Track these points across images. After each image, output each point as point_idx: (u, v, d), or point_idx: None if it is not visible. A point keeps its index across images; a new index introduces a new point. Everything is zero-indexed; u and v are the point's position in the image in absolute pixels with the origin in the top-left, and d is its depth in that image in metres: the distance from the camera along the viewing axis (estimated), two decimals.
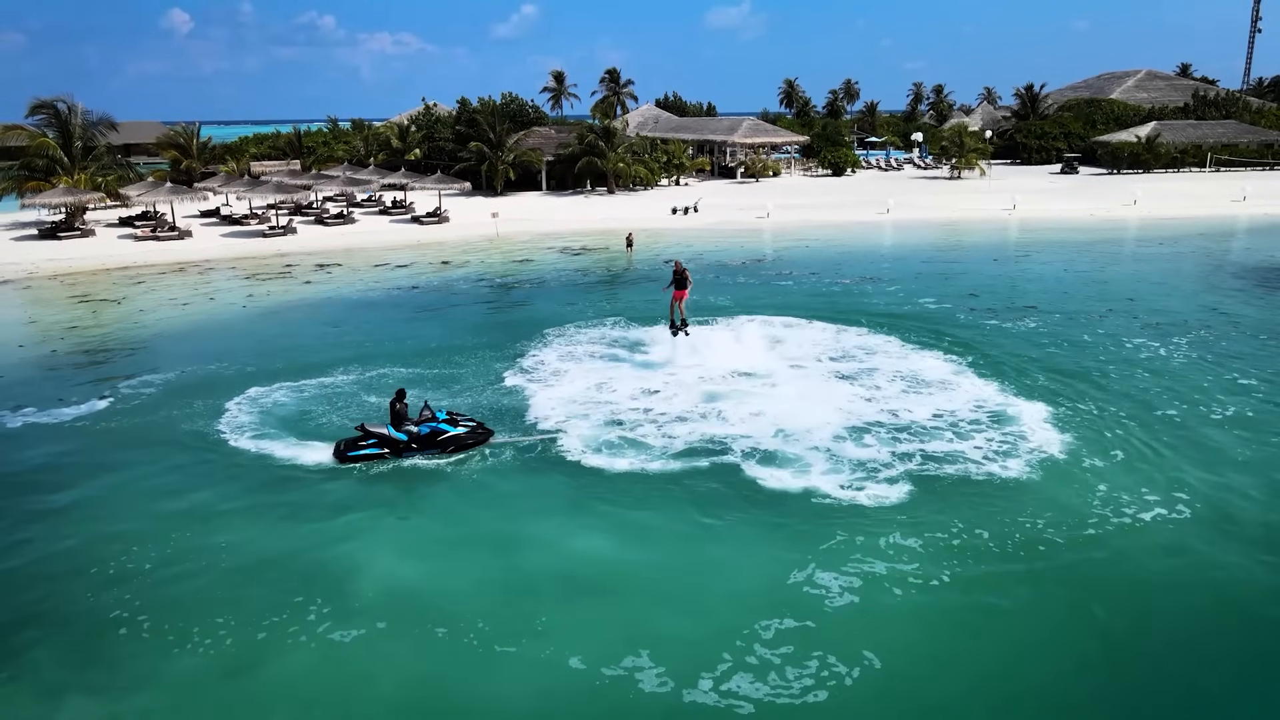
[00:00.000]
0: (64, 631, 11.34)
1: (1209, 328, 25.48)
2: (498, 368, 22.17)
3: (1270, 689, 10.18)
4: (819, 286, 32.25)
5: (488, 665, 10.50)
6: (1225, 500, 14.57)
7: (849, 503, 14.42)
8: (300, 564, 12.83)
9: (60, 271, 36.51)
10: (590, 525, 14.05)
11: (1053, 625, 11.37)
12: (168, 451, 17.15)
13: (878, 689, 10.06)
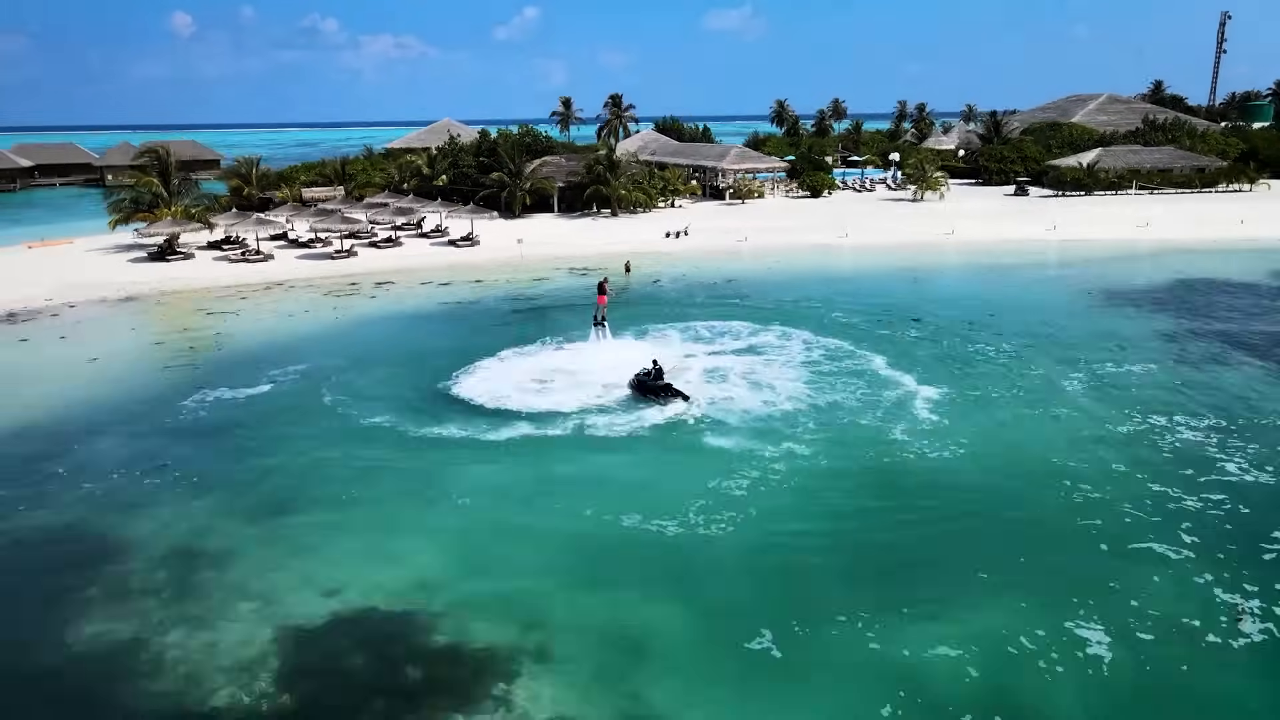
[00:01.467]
0: (292, 500, 21.12)
1: (1048, 335, 35.09)
2: (509, 353, 31.95)
3: (955, 547, 19.70)
4: (763, 301, 41.85)
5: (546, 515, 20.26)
6: (986, 436, 24.17)
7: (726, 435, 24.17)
8: (403, 466, 22.62)
9: (179, 289, 46.48)
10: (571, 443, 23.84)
11: (843, 488, 20.98)
12: (320, 414, 26.92)
13: (758, 522, 19.73)
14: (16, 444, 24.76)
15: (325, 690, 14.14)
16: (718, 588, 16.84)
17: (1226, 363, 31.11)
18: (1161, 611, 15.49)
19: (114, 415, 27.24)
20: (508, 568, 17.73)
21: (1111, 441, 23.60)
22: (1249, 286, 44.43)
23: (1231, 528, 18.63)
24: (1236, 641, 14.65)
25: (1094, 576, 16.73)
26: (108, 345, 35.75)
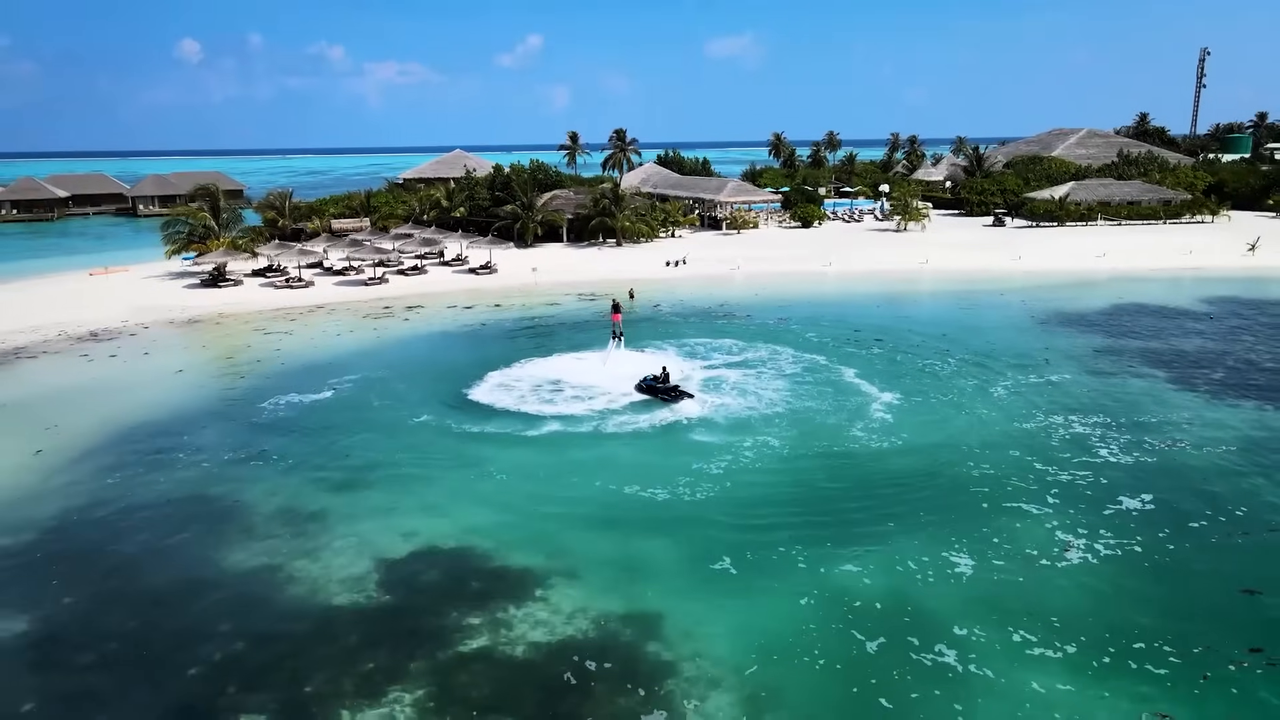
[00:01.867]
0: (363, 473, 27.00)
1: (989, 351, 40.93)
2: (530, 363, 37.93)
3: (877, 506, 25.43)
4: (752, 323, 47.89)
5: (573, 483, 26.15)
6: (921, 430, 30.03)
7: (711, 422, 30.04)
8: (447, 452, 28.51)
9: (235, 312, 52.63)
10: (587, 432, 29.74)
11: (801, 468, 26.84)
12: (363, 412, 32.87)
13: (729, 490, 25.52)
14: (141, 435, 30.76)
15: (411, 596, 19.98)
16: (693, 532, 22.67)
17: (1132, 374, 36.99)
18: (1013, 546, 21.35)
19: (210, 414, 33.26)
20: (538, 519, 23.61)
21: (1014, 434, 29.49)
22: (1176, 310, 50.30)
23: (1086, 494, 24.48)
24: (1059, 564, 20.50)
25: (971, 524, 22.57)
26: (187, 359, 41.92)
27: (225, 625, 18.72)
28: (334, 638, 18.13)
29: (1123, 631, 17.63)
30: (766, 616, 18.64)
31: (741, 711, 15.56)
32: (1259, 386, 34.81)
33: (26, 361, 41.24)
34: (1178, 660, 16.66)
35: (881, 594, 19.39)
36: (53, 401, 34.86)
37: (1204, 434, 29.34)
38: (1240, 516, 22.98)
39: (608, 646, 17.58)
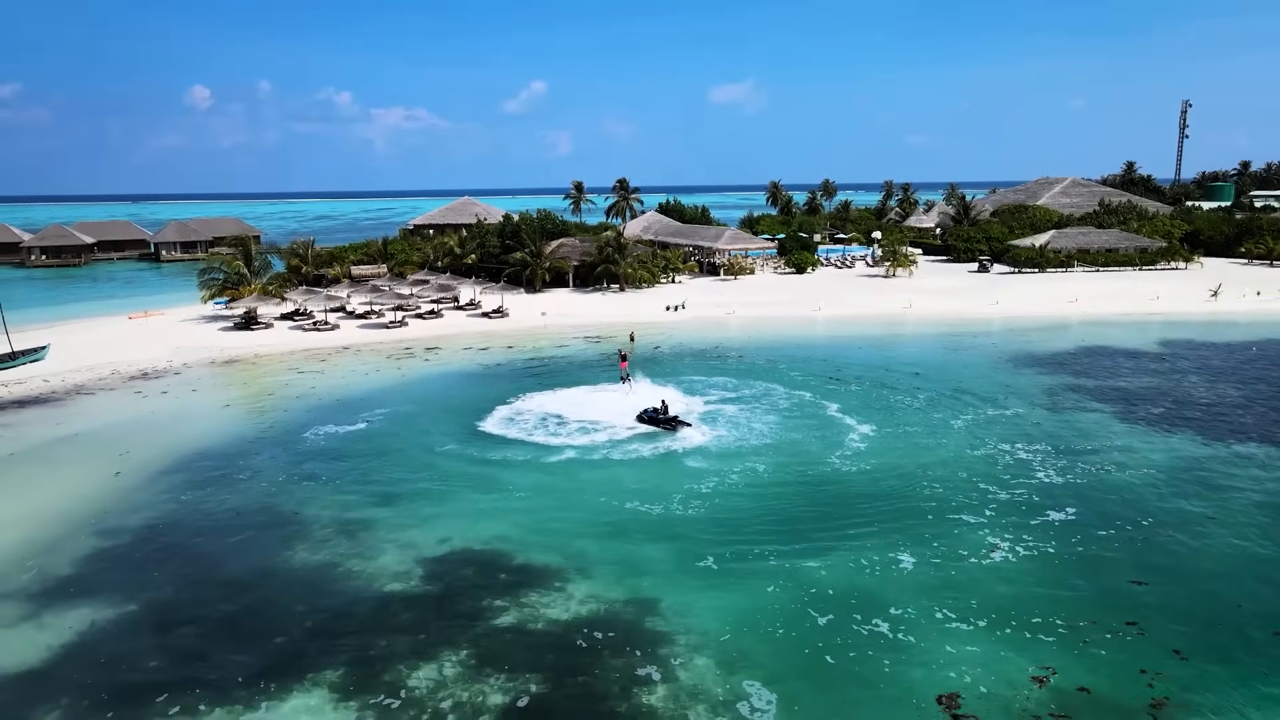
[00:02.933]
0: (393, 488, 31.31)
1: (957, 388, 45.25)
2: (542, 396, 42.33)
3: (842, 517, 29.66)
4: (744, 363, 52.34)
5: (581, 503, 30.43)
6: (888, 456, 34.33)
7: (709, 447, 34.33)
8: (472, 474, 32.78)
9: (269, 352, 57.23)
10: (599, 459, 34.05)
11: (781, 488, 31.09)
12: (396, 441, 37.24)
13: (716, 505, 29.79)
14: (203, 460, 35.16)
15: (450, 585, 24.21)
16: (684, 538, 26.91)
17: (1082, 409, 41.32)
18: (948, 548, 25.60)
19: (260, 442, 37.67)
20: (553, 528, 27.88)
21: (967, 459, 33.80)
22: (1134, 352, 54.73)
23: (1019, 508, 28.75)
24: (984, 562, 24.74)
25: (917, 532, 26.82)
26: (231, 395, 46.46)
27: (299, 606, 22.97)
28: (390, 615, 22.39)
29: (1027, 610, 21.84)
30: (740, 600, 22.85)
31: (719, 668, 19.74)
32: (1189, 419, 39.12)
33: (88, 398, 45.77)
34: (1065, 631, 20.86)
35: (834, 583, 23.60)
36: (119, 432, 39.33)
37: (1131, 460, 33.62)
38: (1145, 526, 27.22)
39: (612, 621, 21.81)
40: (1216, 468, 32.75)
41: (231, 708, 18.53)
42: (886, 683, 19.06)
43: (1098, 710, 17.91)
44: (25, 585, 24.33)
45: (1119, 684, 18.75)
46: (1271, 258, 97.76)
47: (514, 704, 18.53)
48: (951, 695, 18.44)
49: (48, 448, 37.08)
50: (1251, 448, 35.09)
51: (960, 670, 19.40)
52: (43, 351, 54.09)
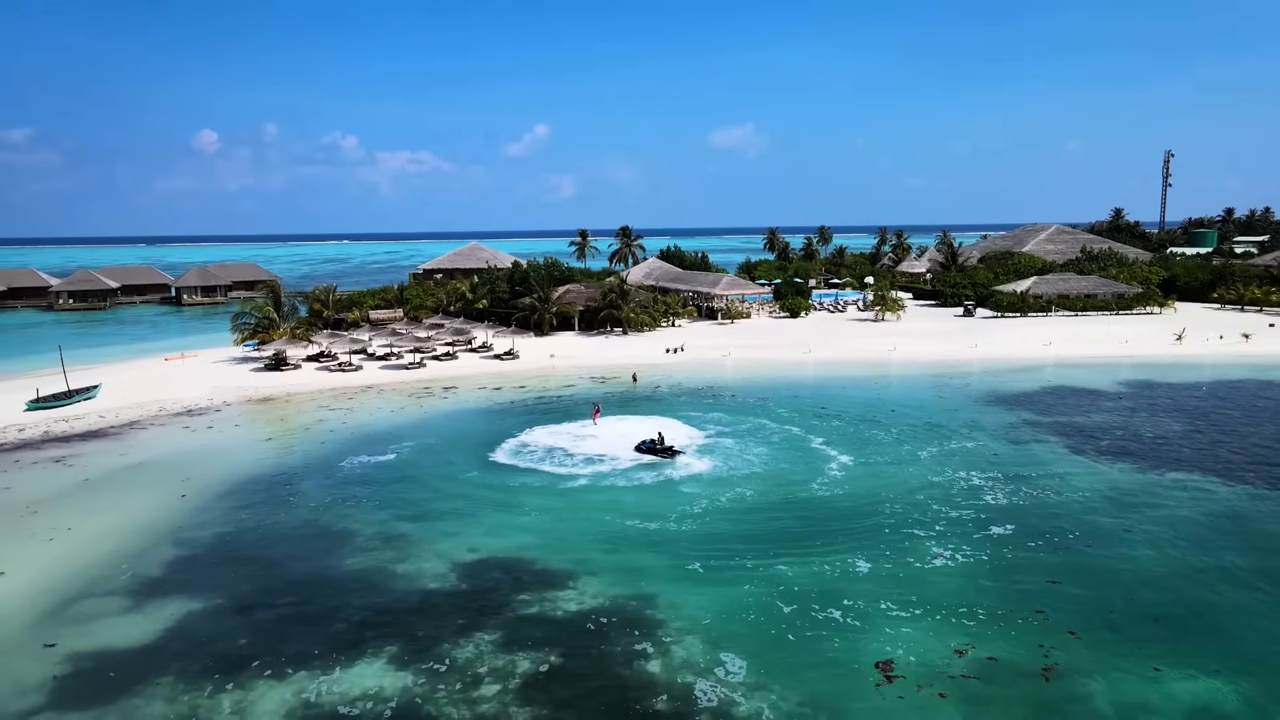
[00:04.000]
0: (420, 512, 36.02)
1: (927, 424, 49.98)
2: (553, 427, 47.10)
3: (813, 534, 34.33)
4: (729, 401, 57.16)
5: (587, 520, 35.14)
6: (861, 483, 38.97)
7: (697, 473, 39.05)
8: (492, 497, 37.49)
9: (300, 391, 62.17)
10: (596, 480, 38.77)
11: (764, 509, 35.75)
12: (423, 469, 42.00)
13: (706, 524, 34.44)
14: (255, 484, 39.96)
15: (481, 584, 28.83)
16: (677, 549, 31.56)
17: (1037, 442, 46.04)
18: (898, 555, 30.26)
19: (303, 470, 42.46)
20: (565, 539, 32.56)
21: (927, 484, 38.51)
22: (1096, 392, 59.50)
23: (964, 524, 33.42)
24: (927, 566, 29.40)
25: (874, 543, 31.48)
26: (271, 430, 51.35)
27: (355, 599, 27.66)
28: (431, 605, 27.07)
29: (956, 603, 26.49)
30: (721, 595, 27.50)
31: (703, 644, 24.36)
32: (1130, 451, 43.83)
33: (142, 431, 50.66)
34: (985, 618, 25.50)
35: (799, 583, 28.25)
36: (177, 461, 44.18)
37: (1071, 485, 38.33)
38: (1070, 538, 31.89)
39: (616, 611, 26.47)
40: (1143, 492, 37.44)
41: (311, 673, 23.16)
42: (836, 653, 23.70)
43: (1000, 672, 22.53)
44: (125, 584, 29.04)
45: (1020, 654, 23.38)
46: (1242, 303, 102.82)
47: (538, 670, 23.16)
48: (887, 662, 23.07)
49: (117, 474, 41.90)
50: (1179, 475, 39.79)
51: (896, 645, 24.02)
52: (95, 390, 59.08)
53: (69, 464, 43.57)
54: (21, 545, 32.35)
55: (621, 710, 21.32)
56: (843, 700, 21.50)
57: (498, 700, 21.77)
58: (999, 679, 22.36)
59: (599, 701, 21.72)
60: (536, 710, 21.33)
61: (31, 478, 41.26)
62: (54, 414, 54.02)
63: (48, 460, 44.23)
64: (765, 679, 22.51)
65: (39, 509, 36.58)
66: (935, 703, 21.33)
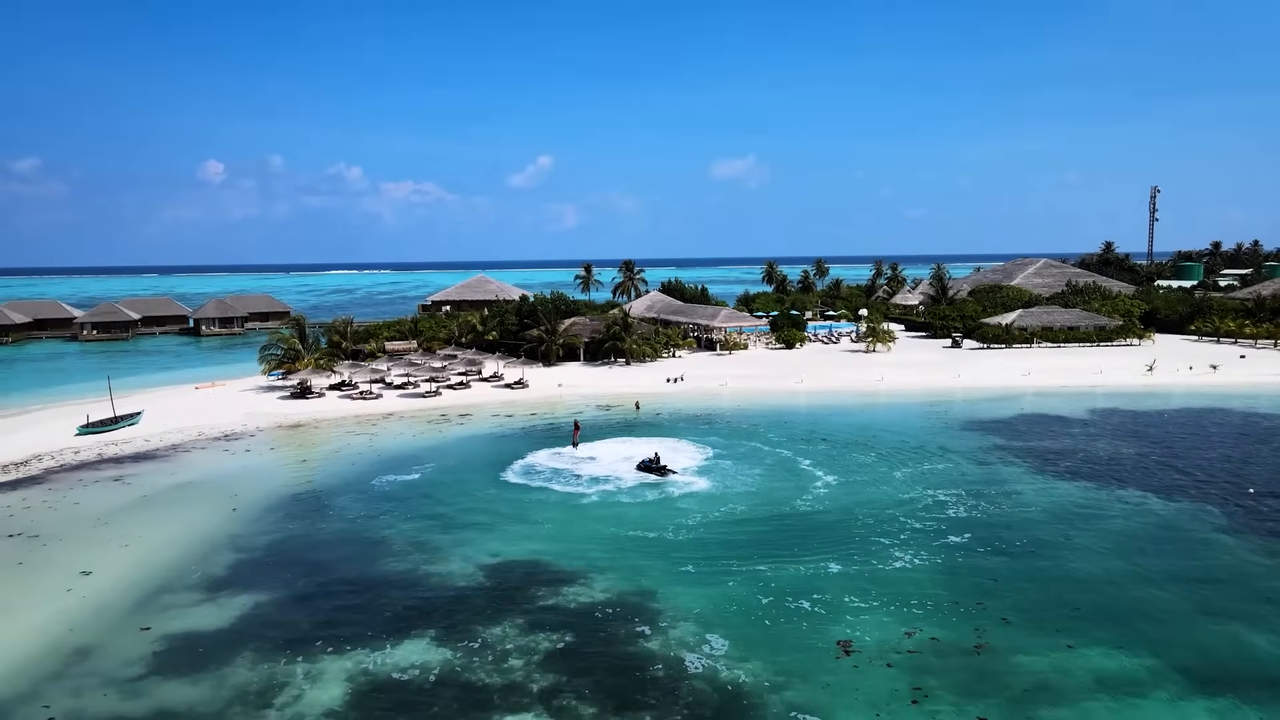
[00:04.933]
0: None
1: (905, 446, 54.54)
2: (562, 451, 51.74)
3: (796, 542, 38.89)
4: (725, 427, 61.85)
5: (593, 521, 39.77)
6: (840, 499, 43.58)
7: (688, 487, 43.68)
8: (508, 510, 42.11)
9: (325, 418, 66.94)
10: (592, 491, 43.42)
11: (753, 521, 40.33)
12: (445, 486, 46.65)
13: (700, 534, 39.02)
14: (296, 501, 44.65)
15: (504, 581, 33.40)
16: (673, 554, 36.13)
17: (1003, 463, 50.64)
18: (864, 559, 34.86)
19: (337, 488, 47.13)
20: (574, 547, 37.16)
21: (897, 500, 43.12)
22: (1065, 418, 64.12)
23: (925, 534, 38.00)
24: (887, 568, 33.99)
25: (845, 549, 36.07)
26: (305, 453, 56.07)
27: (396, 593, 32.27)
28: (463, 598, 31.68)
29: (909, 596, 31.06)
30: (710, 590, 32.08)
31: (693, 627, 28.91)
32: (1084, 473, 48.42)
33: (186, 454, 55.44)
34: (932, 607, 30.08)
35: (777, 581, 32.83)
36: (223, 480, 48.92)
37: (1026, 501, 42.94)
38: (1018, 546, 36.48)
39: (621, 602, 31.07)
40: (1088, 507, 42.04)
41: (366, 649, 27.75)
42: (804, 634, 28.28)
43: (940, 648, 27.13)
44: (197, 581, 33.70)
45: (958, 635, 27.97)
46: (1218, 335, 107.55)
47: (555, 647, 27.76)
48: (846, 641, 27.66)
49: (171, 491, 46.62)
50: (1123, 492, 44.38)
51: (855, 628, 28.60)
52: (137, 417, 63.90)
53: (127, 482, 48.32)
54: (101, 550, 37.03)
55: (625, 675, 25.89)
56: (807, 669, 26.06)
57: (523, 670, 26.36)
58: (938, 653, 26.93)
59: (607, 670, 26.27)
60: (556, 677, 25.90)
61: (96, 494, 45.99)
62: (104, 438, 58.83)
63: (107, 479, 48.98)
64: (744, 654, 27.08)
65: (108, 520, 41.30)
66: (882, 670, 25.89)
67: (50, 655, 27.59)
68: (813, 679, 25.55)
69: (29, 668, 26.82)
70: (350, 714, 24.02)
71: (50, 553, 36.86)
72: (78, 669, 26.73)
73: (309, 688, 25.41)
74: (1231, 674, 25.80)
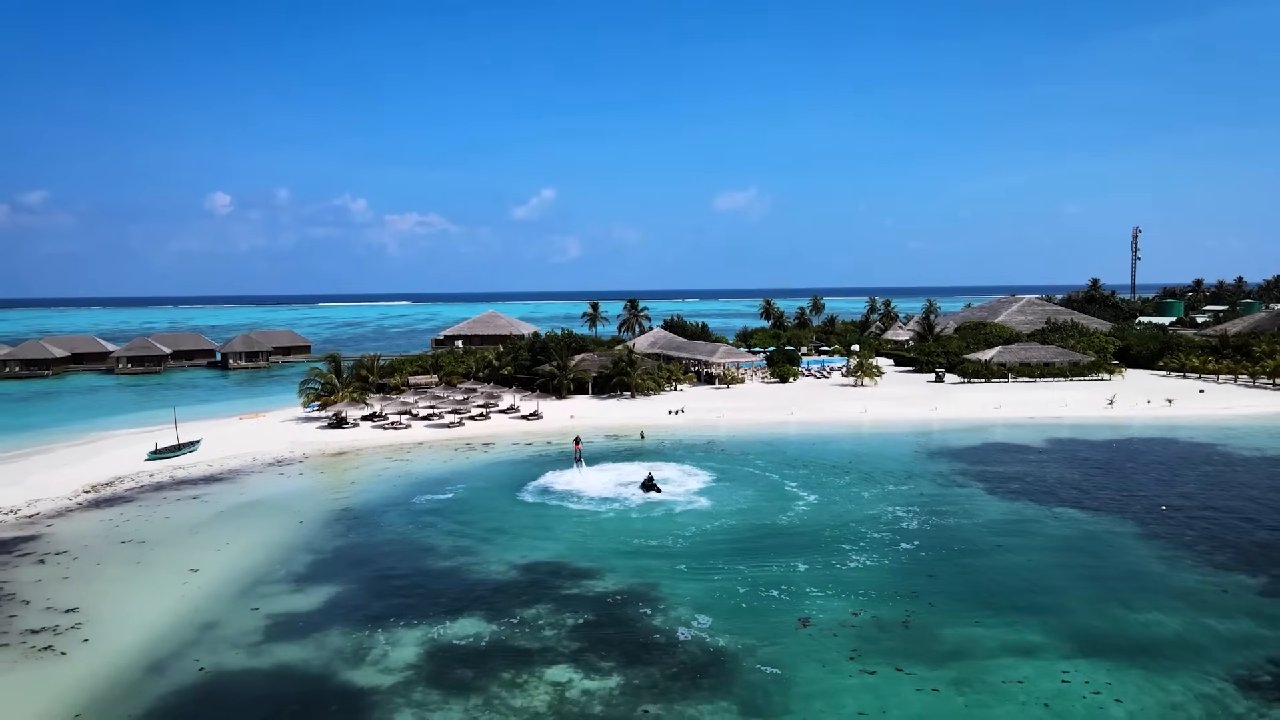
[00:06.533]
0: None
1: (877, 470, 62.12)
2: (573, 472, 59.37)
3: (775, 549, 46.46)
4: (721, 455, 69.52)
5: (610, 532, 47.46)
6: (817, 515, 51.21)
7: (682, 503, 51.36)
8: (530, 522, 49.79)
9: (363, 446, 74.78)
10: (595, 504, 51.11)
11: (741, 532, 47.97)
12: (477, 504, 54.35)
13: (694, 543, 46.70)
14: (351, 515, 52.40)
15: (534, 577, 41.02)
16: (672, 557, 43.75)
17: (960, 486, 58.25)
18: (826, 561, 42.52)
19: (384, 506, 54.87)
20: (591, 552, 44.82)
21: (862, 515, 50.75)
22: (1025, 447, 71.76)
23: (880, 542, 45.62)
24: (844, 568, 41.64)
25: (812, 555, 43.70)
26: (350, 476, 63.91)
27: (448, 584, 39.97)
28: (502, 589, 39.36)
29: (859, 589, 38.69)
30: (700, 583, 39.73)
31: (686, 610, 36.52)
32: (1030, 494, 55.98)
33: (248, 477, 63.33)
34: (876, 595, 37.70)
35: (754, 577, 40.45)
36: (286, 499, 56.75)
37: (974, 516, 50.55)
38: (955, 551, 44.10)
39: (629, 591, 38.73)
40: (1026, 520, 49.68)
41: (430, 624, 35.40)
42: (772, 614, 35.95)
43: (878, 623, 34.81)
44: (284, 575, 41.48)
45: (893, 615, 35.64)
46: (1184, 370, 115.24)
47: (579, 622, 35.43)
48: (805, 618, 35.33)
49: (243, 508, 54.44)
50: (1061, 509, 51.99)
51: (813, 609, 36.26)
52: (197, 444, 71.84)
53: (204, 500, 56.19)
54: (201, 553, 44.83)
55: (633, 642, 33.54)
56: (773, 637, 33.70)
57: (554, 638, 34.04)
58: (875, 627, 34.58)
59: (619, 639, 33.89)
60: (580, 643, 33.56)
61: (181, 510, 53.85)
62: (170, 463, 66.75)
63: (186, 498, 56.86)
64: (724, 627, 34.73)
65: (198, 531, 49.13)
66: (831, 639, 33.54)
67: (185, 627, 35.34)
68: (776, 644, 33.17)
69: (172, 635, 34.56)
70: (426, 666, 31.73)
71: (160, 555, 44.69)
72: (209, 636, 34.47)
73: (390, 649, 33.12)
74: (1106, 643, 33.30)
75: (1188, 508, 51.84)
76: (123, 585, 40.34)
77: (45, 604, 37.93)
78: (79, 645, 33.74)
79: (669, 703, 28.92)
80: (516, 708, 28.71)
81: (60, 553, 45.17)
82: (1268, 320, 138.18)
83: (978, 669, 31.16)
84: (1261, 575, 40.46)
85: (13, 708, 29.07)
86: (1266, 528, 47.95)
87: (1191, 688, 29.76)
